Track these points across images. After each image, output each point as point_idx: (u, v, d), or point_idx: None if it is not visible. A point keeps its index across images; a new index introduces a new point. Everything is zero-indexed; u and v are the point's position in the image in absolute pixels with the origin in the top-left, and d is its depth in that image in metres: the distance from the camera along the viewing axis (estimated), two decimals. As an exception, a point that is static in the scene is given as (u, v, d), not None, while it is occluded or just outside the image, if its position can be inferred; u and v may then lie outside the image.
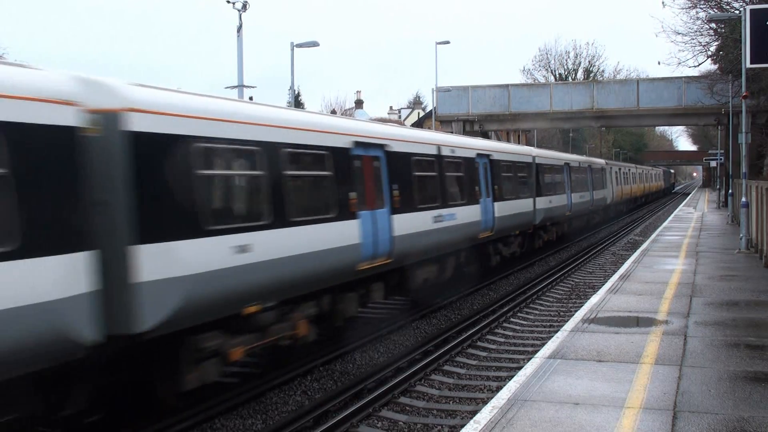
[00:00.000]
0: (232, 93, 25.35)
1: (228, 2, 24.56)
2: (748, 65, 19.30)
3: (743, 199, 22.32)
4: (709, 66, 39.97)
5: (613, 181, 44.28)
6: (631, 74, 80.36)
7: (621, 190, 48.35)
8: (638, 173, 61.91)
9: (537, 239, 26.25)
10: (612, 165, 45.98)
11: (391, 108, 75.16)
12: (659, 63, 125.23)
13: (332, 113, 63.68)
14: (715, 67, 39.24)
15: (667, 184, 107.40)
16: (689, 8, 32.70)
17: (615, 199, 44.87)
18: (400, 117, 69.23)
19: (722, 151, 48.37)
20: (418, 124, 54.95)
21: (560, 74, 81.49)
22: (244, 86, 25.66)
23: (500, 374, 11.57)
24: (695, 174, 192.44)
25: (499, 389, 8.69)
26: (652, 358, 9.19)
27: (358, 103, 63.57)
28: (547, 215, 26.05)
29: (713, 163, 61.67)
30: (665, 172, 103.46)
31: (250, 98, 29.81)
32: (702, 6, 32.30)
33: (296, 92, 43.02)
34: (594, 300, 13.68)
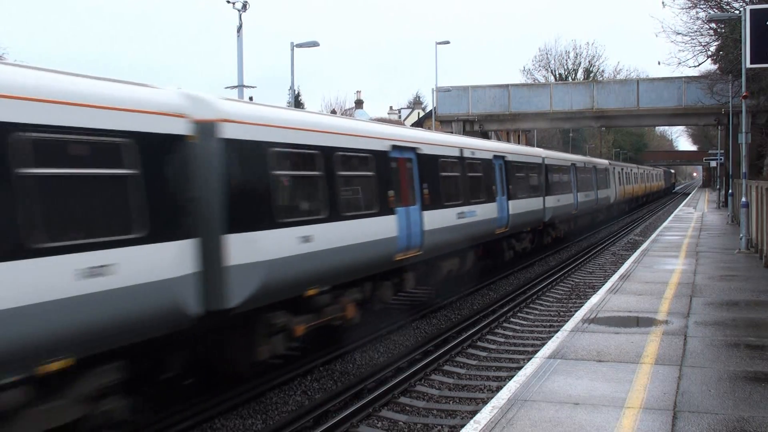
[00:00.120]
0: (232, 93, 25.34)
1: (228, 2, 24.56)
2: (748, 65, 19.30)
3: (743, 199, 22.32)
4: (709, 66, 40.03)
5: (616, 181, 45.23)
6: (631, 74, 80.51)
7: (624, 190, 49.47)
8: (640, 173, 63.08)
9: (546, 236, 27.21)
10: (615, 165, 47.06)
11: (391, 108, 75.16)
12: (659, 63, 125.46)
13: (332, 113, 63.67)
14: (715, 67, 39.26)
15: (668, 184, 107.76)
16: (689, 8, 32.73)
17: (618, 199, 45.96)
18: (400, 117, 69.20)
19: (722, 151, 48.36)
20: (418, 124, 54.92)
21: (560, 74, 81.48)
22: (244, 86, 25.63)
23: (500, 374, 11.57)
24: (695, 174, 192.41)
25: (499, 389, 8.69)
26: (652, 358, 9.19)
27: (358, 103, 63.56)
28: (556, 213, 26.99)
29: (713, 163, 61.66)
30: (666, 172, 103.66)
31: (250, 98, 29.81)
32: (702, 6, 32.31)
33: (296, 92, 42.98)
34: (594, 300, 13.68)
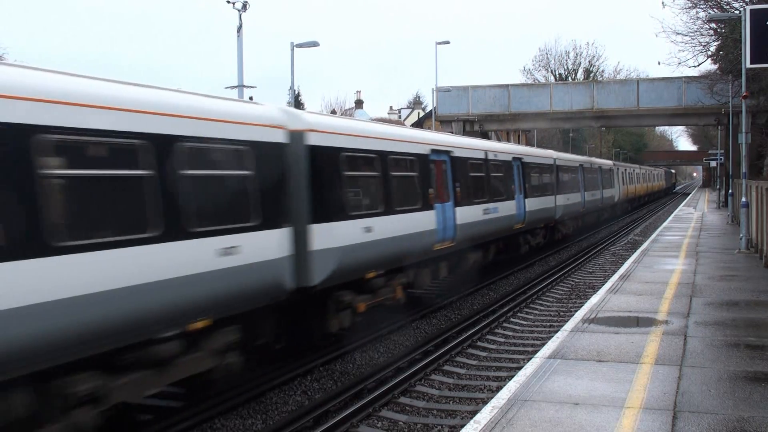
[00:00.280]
0: (232, 93, 25.33)
1: (228, 2, 24.56)
2: (748, 65, 19.29)
3: (743, 199, 22.32)
4: (709, 66, 39.99)
5: (620, 181, 46.54)
6: (631, 74, 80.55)
7: (627, 189, 50.86)
8: (642, 173, 64.27)
9: (557, 232, 29.06)
10: (619, 166, 48.54)
11: (391, 108, 75.10)
12: (659, 63, 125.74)
13: (332, 113, 63.68)
14: (715, 67, 39.23)
15: (669, 184, 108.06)
16: (689, 8, 32.70)
17: (621, 198, 47.38)
18: (400, 117, 69.16)
19: (722, 151, 48.35)
20: (418, 124, 54.91)
21: (560, 74, 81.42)
22: (244, 86, 25.62)
23: (500, 374, 11.57)
24: (695, 174, 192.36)
25: (499, 389, 8.69)
26: (652, 358, 9.19)
27: (358, 103, 63.53)
28: (566, 211, 28.86)
29: (713, 163, 61.69)
30: (666, 173, 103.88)
31: (250, 98, 29.79)
32: (702, 6, 32.28)
33: (296, 92, 42.95)
34: (594, 300, 13.68)
